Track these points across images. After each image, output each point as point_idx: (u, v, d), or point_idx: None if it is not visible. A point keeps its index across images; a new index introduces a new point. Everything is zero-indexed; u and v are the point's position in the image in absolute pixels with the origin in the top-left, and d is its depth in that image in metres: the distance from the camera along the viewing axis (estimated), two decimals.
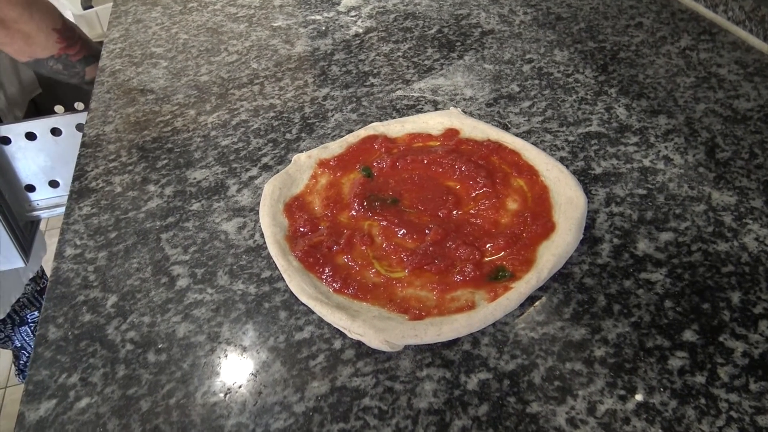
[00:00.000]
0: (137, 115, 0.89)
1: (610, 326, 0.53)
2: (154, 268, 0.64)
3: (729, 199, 0.64)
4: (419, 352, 0.53)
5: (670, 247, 0.60)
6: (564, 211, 0.62)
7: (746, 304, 0.54)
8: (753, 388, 0.48)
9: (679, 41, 0.90)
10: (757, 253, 0.58)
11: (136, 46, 1.07)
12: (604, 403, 0.48)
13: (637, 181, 0.67)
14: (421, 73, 0.90)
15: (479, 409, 0.49)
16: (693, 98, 0.78)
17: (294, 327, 0.57)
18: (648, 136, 0.73)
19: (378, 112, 0.83)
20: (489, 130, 0.73)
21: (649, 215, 0.63)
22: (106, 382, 0.54)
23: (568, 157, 0.72)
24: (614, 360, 0.51)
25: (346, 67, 0.93)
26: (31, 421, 0.52)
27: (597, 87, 0.82)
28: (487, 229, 0.62)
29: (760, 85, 0.79)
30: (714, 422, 0.46)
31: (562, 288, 0.57)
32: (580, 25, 0.96)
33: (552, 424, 0.47)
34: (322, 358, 0.54)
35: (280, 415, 0.50)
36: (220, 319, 0.58)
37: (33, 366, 0.56)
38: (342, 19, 1.07)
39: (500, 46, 0.93)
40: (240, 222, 0.68)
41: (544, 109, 0.80)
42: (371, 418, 0.49)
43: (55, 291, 0.63)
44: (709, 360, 0.50)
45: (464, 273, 0.57)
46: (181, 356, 0.55)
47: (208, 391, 0.52)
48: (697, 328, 0.52)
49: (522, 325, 0.55)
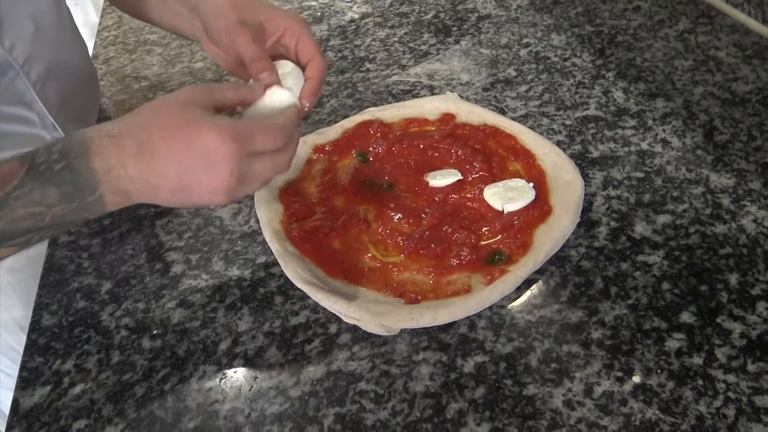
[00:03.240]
0: (131, 102, 0.88)
1: (607, 308, 0.53)
2: (148, 254, 0.63)
3: (727, 182, 0.63)
4: (415, 336, 0.53)
5: (668, 230, 0.59)
6: (561, 194, 0.61)
7: (744, 285, 0.54)
8: (750, 369, 0.48)
9: (677, 24, 0.89)
10: (755, 234, 0.58)
11: (129, 33, 1.06)
12: (601, 384, 0.48)
13: (634, 164, 0.67)
14: (418, 58, 0.89)
15: (476, 391, 0.48)
16: (691, 81, 0.78)
17: (289, 312, 0.56)
18: (646, 120, 0.73)
19: (374, 97, 0.82)
20: (485, 114, 0.73)
21: (647, 198, 0.63)
22: (101, 368, 0.53)
23: (565, 140, 0.71)
24: (611, 342, 0.51)
25: (341, 53, 0.93)
26: (25, 408, 0.51)
27: (594, 71, 0.82)
28: (484, 213, 0.62)
29: (758, 67, 0.79)
30: (711, 403, 0.46)
31: (559, 271, 0.57)
32: (577, 9, 0.95)
33: (549, 406, 0.47)
34: (317, 343, 0.53)
35: (275, 399, 0.50)
36: (215, 304, 0.58)
37: (27, 353, 0.56)
38: (338, 5, 1.06)
39: (497, 30, 0.92)
40: (235, 208, 0.67)
41: (541, 93, 0.79)
42: (367, 401, 0.49)
43: (49, 278, 0.62)
44: (706, 341, 0.50)
45: (460, 257, 0.57)
46: (176, 342, 0.55)
47: (203, 376, 0.52)
48: (695, 309, 0.52)
49: (519, 308, 0.54)
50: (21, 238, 0.44)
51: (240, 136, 0.45)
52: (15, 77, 0.63)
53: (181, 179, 0.45)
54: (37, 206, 0.43)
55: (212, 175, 0.45)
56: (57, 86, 0.69)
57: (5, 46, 0.61)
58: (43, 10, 0.66)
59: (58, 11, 0.70)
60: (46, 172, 0.43)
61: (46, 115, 0.67)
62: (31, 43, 0.64)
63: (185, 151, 0.45)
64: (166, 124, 0.46)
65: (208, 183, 0.46)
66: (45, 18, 0.67)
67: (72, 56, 0.75)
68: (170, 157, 0.45)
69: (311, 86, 0.57)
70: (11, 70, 0.62)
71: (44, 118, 0.68)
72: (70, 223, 0.46)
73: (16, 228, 0.43)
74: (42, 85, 0.66)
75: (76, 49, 0.77)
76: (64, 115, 0.70)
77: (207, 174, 0.45)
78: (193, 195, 0.46)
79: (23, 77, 0.63)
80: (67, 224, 0.46)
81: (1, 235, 0.43)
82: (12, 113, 0.65)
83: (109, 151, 0.44)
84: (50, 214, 0.43)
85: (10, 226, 0.42)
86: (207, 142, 0.45)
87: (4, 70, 0.62)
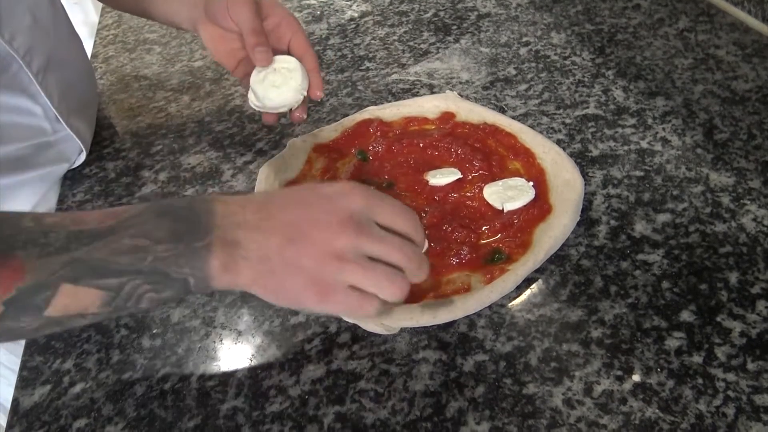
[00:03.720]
0: (131, 101, 0.88)
1: (606, 307, 0.53)
2: None
3: (727, 180, 0.63)
4: (415, 335, 0.53)
5: (668, 229, 0.59)
6: (561, 193, 0.61)
7: (744, 284, 0.54)
8: (750, 368, 0.48)
9: (677, 23, 0.89)
10: (755, 233, 0.58)
11: (129, 32, 1.06)
12: (600, 383, 0.48)
13: (634, 162, 0.67)
14: (417, 56, 0.89)
15: (475, 390, 0.48)
16: (691, 80, 0.78)
17: (289, 311, 0.56)
18: (645, 118, 0.73)
19: (373, 96, 0.82)
20: (485, 113, 0.73)
21: (647, 197, 0.63)
22: (101, 368, 0.53)
23: (565, 139, 0.71)
24: (611, 341, 0.51)
25: (341, 52, 0.93)
26: (25, 407, 0.51)
27: (594, 69, 0.82)
28: (483, 211, 0.62)
29: (758, 66, 0.79)
30: (711, 402, 0.46)
31: (559, 270, 0.57)
32: (577, 8, 0.95)
33: (548, 405, 0.47)
34: (317, 342, 0.53)
35: (275, 398, 0.50)
36: (215, 303, 0.58)
37: (27, 352, 0.56)
38: (337, 3, 1.06)
39: (497, 29, 0.92)
40: None
41: (541, 91, 0.79)
42: (367, 400, 0.49)
43: None
44: (706, 340, 0.50)
45: (460, 256, 0.57)
46: (176, 341, 0.55)
47: (203, 375, 0.52)
48: (695, 308, 0.52)
49: (518, 307, 0.54)
50: (114, 279, 0.40)
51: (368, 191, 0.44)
52: (18, 69, 0.64)
53: (295, 225, 0.43)
54: (144, 239, 0.40)
55: (330, 217, 0.43)
56: (57, 78, 0.69)
57: (5, 38, 0.61)
58: (38, 3, 0.67)
59: (52, 5, 0.71)
60: (167, 207, 0.43)
61: (49, 106, 0.68)
62: (30, 34, 0.64)
63: (312, 197, 0.45)
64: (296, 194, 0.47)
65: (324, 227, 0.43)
66: (41, 11, 0.67)
67: (69, 50, 0.76)
68: (293, 205, 0.44)
69: (317, 78, 0.61)
70: (14, 62, 0.63)
71: (47, 110, 0.68)
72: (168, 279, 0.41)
73: (114, 263, 0.40)
74: (43, 76, 0.67)
75: (72, 43, 0.77)
76: (65, 106, 0.70)
77: (325, 215, 0.43)
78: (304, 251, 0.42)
79: (25, 69, 0.64)
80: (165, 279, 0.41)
81: (96, 267, 0.39)
82: (16, 104, 0.66)
83: (234, 202, 0.44)
84: (152, 254, 0.40)
85: (110, 257, 0.40)
86: (333, 184, 0.45)
87: (8, 62, 0.63)
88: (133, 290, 0.41)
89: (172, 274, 0.41)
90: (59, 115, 0.69)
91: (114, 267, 0.40)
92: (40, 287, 0.38)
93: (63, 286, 0.39)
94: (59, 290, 0.39)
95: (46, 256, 0.38)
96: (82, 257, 0.39)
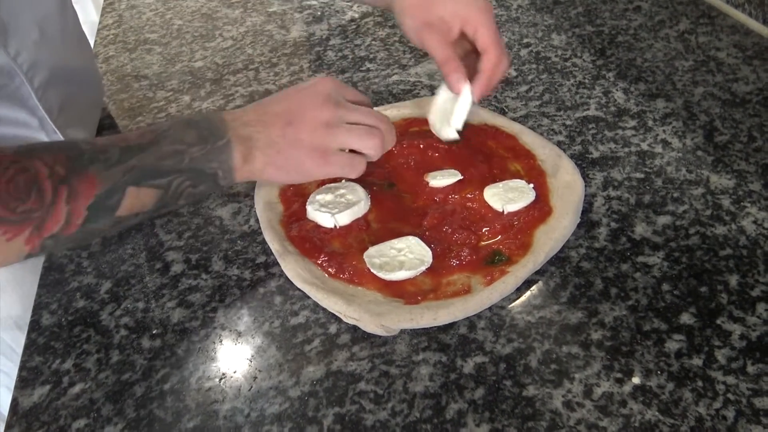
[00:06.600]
0: (131, 102, 0.88)
1: (607, 309, 0.53)
2: (148, 253, 0.63)
3: (727, 183, 0.63)
4: (415, 337, 0.53)
5: (668, 231, 0.59)
6: (561, 195, 0.61)
7: (744, 287, 0.54)
8: (750, 371, 0.48)
9: (677, 25, 0.89)
10: (755, 236, 0.58)
11: (129, 32, 1.06)
12: (600, 386, 0.48)
13: (634, 164, 0.67)
14: (418, 57, 0.89)
15: (475, 392, 0.48)
16: (691, 82, 0.78)
17: (289, 312, 0.56)
18: (646, 120, 0.73)
19: (374, 97, 0.82)
20: (486, 114, 0.73)
21: (647, 199, 0.63)
22: (100, 368, 0.53)
23: (565, 141, 0.71)
24: (611, 343, 0.51)
25: (342, 52, 0.92)
26: (24, 407, 0.51)
27: (595, 71, 0.82)
28: (484, 213, 0.62)
29: (759, 68, 0.79)
30: (711, 404, 0.46)
31: (559, 272, 0.57)
32: (578, 9, 0.95)
33: (548, 407, 0.47)
34: (317, 343, 0.53)
35: (275, 399, 0.50)
36: (214, 304, 0.58)
37: (26, 352, 0.56)
38: (338, 4, 1.06)
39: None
40: (235, 207, 0.67)
41: (542, 93, 0.79)
42: (367, 402, 0.49)
43: (49, 277, 0.62)
44: (706, 343, 0.50)
45: (460, 257, 0.57)
46: (175, 342, 0.55)
47: (202, 376, 0.52)
48: (695, 311, 0.52)
49: (518, 308, 0.54)
50: (164, 179, 0.50)
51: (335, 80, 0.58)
52: (20, 84, 0.63)
53: (288, 112, 0.54)
54: (180, 144, 0.50)
55: (312, 100, 0.55)
56: (59, 91, 0.69)
57: (11, 54, 0.61)
58: (48, 16, 0.67)
59: (63, 16, 0.70)
60: (189, 120, 0.53)
61: (47, 120, 0.67)
62: (35, 49, 0.64)
63: (293, 92, 0.56)
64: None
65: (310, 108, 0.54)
66: (50, 24, 0.67)
67: (76, 60, 0.75)
68: (281, 100, 0.56)
69: (481, 82, 0.60)
70: (17, 77, 0.63)
71: (45, 123, 0.68)
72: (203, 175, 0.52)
73: (162, 166, 0.49)
74: (44, 90, 0.66)
75: (80, 53, 0.77)
76: (64, 119, 0.70)
77: (308, 99, 0.55)
78: (300, 128, 0.54)
79: (27, 84, 0.64)
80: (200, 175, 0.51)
81: (149, 170, 0.49)
82: (14, 117, 0.65)
83: (235, 111, 0.56)
84: (188, 155, 0.50)
85: (158, 162, 0.49)
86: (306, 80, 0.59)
87: (11, 77, 0.62)
88: (177, 187, 0.51)
89: (205, 170, 0.52)
90: (57, 129, 0.69)
91: (163, 169, 0.50)
92: (112, 192, 0.48)
93: (129, 189, 0.48)
94: (126, 193, 0.48)
95: (111, 167, 0.48)
96: (138, 165, 0.49)
